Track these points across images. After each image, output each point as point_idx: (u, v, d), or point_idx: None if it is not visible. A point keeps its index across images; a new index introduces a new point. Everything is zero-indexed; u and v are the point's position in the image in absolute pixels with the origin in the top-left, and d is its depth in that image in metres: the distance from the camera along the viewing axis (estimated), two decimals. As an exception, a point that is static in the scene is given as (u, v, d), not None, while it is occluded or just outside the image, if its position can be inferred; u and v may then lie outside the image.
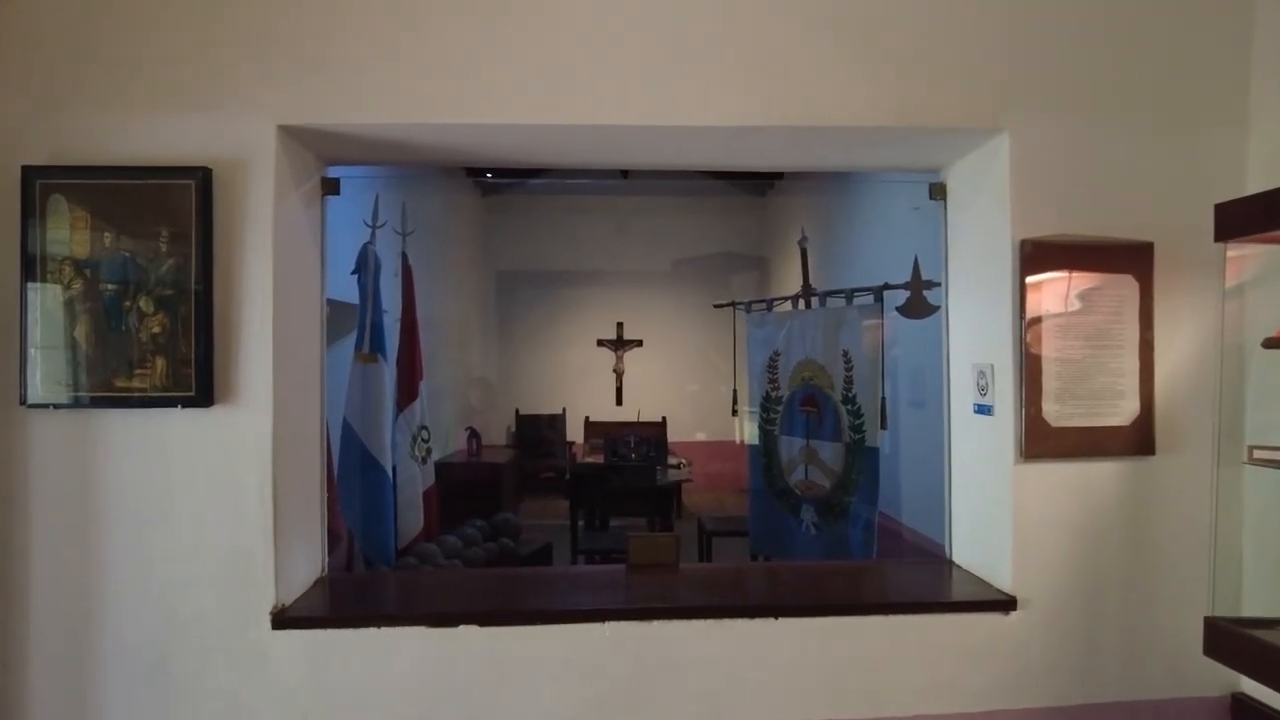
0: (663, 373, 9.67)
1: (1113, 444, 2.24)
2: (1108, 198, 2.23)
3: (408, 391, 3.76)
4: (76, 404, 2.01)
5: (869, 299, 3.75)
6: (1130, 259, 2.24)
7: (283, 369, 2.15)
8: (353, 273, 3.56)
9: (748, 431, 4.41)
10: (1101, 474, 2.25)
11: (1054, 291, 2.25)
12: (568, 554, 4.79)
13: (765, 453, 4.25)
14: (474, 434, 7.56)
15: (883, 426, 3.66)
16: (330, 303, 2.53)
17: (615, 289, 9.66)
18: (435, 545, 3.44)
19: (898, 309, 3.66)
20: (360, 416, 3.44)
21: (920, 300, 3.59)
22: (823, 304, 4.02)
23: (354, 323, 3.52)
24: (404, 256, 3.83)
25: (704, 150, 2.43)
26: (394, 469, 3.71)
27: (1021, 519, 2.24)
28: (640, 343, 9.61)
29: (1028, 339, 2.23)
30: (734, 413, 4.47)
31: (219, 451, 2.08)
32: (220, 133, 2.08)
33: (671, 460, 7.30)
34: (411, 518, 3.66)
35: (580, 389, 9.55)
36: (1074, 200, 2.24)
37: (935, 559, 2.63)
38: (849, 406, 3.80)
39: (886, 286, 3.67)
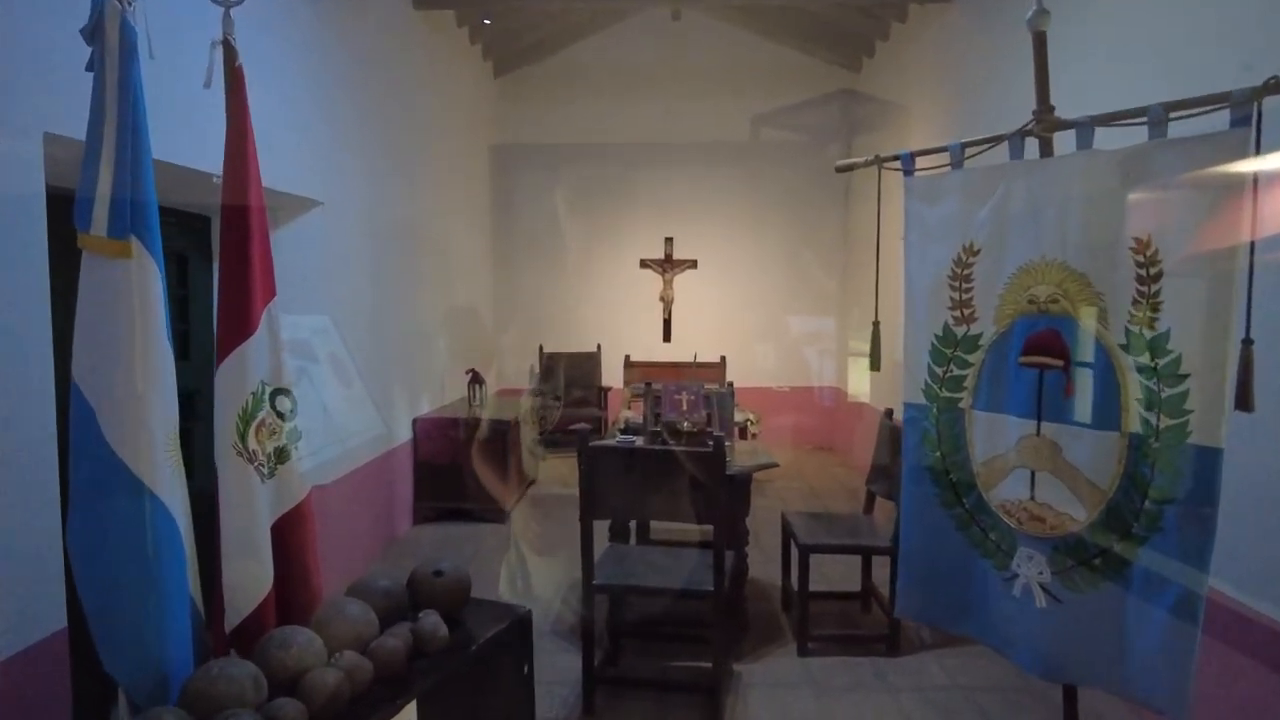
0: (722, 298, 7.66)
1: None
2: None
3: (236, 321, 1.85)
4: None
5: (1207, 125, 1.68)
6: None
7: None
8: (87, 68, 1.64)
9: (902, 390, 2.40)
10: None
11: None
12: (575, 593, 2.85)
13: (937, 438, 2.27)
14: (476, 378, 5.72)
15: (1242, 406, 1.64)
16: None
17: (663, 186, 7.58)
18: (255, 663, 1.55)
19: (1299, 140, 1.61)
20: (96, 375, 1.57)
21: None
22: (1085, 145, 1.95)
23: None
24: (225, 45, 1.87)
25: None
26: (214, 482, 1.86)
27: None
28: (694, 263, 7.64)
29: None
30: (872, 359, 2.46)
31: None
32: None
33: (738, 416, 5.43)
34: (248, 579, 1.82)
35: (618, 320, 7.65)
36: None
37: None
38: (1144, 359, 1.79)
39: (1274, 87, 1.59)
